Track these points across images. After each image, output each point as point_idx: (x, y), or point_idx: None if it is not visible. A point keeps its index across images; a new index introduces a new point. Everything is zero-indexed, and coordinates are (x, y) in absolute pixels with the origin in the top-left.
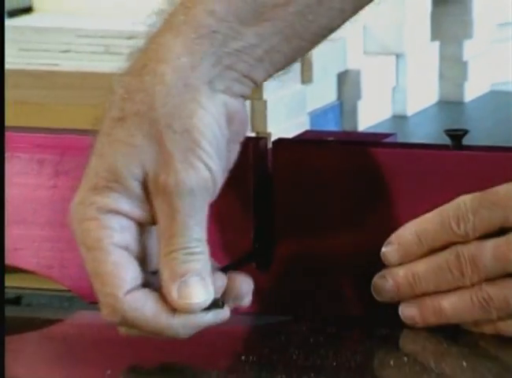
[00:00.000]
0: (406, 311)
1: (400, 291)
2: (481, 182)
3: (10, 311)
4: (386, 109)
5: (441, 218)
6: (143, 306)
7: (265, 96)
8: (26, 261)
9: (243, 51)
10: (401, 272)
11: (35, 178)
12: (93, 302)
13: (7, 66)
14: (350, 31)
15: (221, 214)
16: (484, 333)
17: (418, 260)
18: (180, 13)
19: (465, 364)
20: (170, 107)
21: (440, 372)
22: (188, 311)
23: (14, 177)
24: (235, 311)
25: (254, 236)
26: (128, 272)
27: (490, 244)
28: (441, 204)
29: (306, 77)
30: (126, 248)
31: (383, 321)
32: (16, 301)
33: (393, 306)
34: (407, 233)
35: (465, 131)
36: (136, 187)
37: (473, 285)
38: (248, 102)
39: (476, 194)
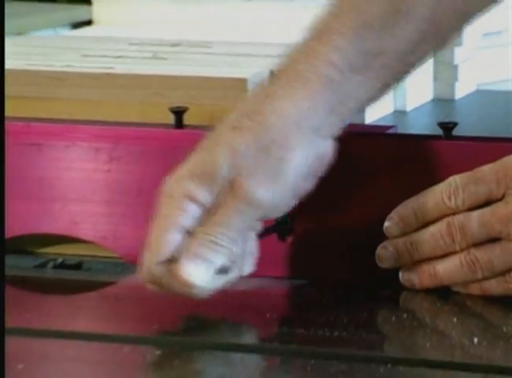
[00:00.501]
0: (405, 275)
1: (399, 258)
2: (468, 166)
3: (72, 275)
4: (388, 105)
5: (435, 194)
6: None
7: None
8: (84, 233)
9: (351, 98)
10: (400, 242)
11: (93, 163)
12: None
13: (71, 69)
14: None
15: None
16: (472, 294)
17: (415, 231)
18: (302, 61)
19: (455, 320)
20: (276, 136)
21: (434, 327)
22: (184, 287)
23: (74, 162)
24: (258, 275)
25: None
26: (170, 248)
27: (476, 214)
28: (434, 183)
29: None
30: (183, 231)
31: (385, 284)
32: (77, 266)
33: (394, 272)
34: (405, 209)
35: (455, 124)
36: (220, 183)
37: (462, 250)
38: None
39: (465, 173)
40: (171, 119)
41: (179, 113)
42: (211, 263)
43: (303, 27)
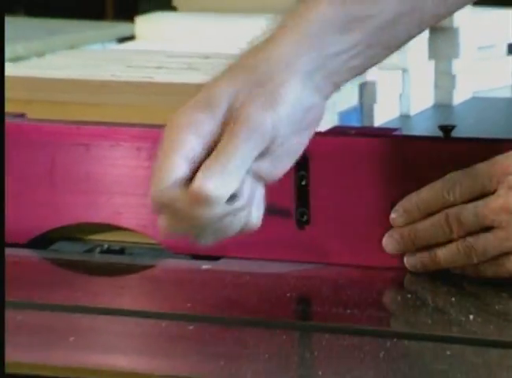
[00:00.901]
0: (410, 260)
1: (404, 245)
2: (464, 163)
3: (116, 259)
4: (395, 110)
5: (435, 189)
6: (177, 198)
7: None
8: (127, 222)
9: (337, 56)
10: (405, 231)
11: (135, 161)
12: (178, 253)
13: (116, 78)
14: None
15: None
16: (468, 276)
17: (418, 222)
18: (290, 20)
19: (453, 299)
20: (269, 73)
21: (435, 305)
22: (198, 204)
23: (118, 160)
24: (279, 259)
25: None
26: (177, 172)
27: (471, 206)
28: (434, 178)
29: None
30: (187, 159)
31: (391, 268)
32: (121, 251)
33: (399, 257)
34: (409, 202)
35: (453, 127)
36: (223, 113)
37: (459, 238)
38: None
39: (462, 170)
40: None
41: None
42: (224, 183)
43: None
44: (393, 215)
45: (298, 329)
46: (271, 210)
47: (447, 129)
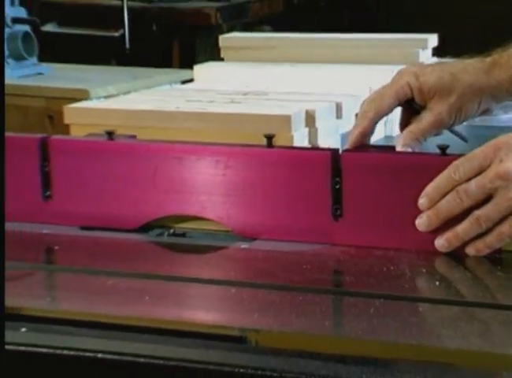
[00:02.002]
0: (439, 242)
1: (431, 222)
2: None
3: (178, 240)
4: (381, 132)
5: (445, 175)
6: None
7: (317, 124)
8: (209, 214)
9: None
10: (429, 211)
11: (214, 170)
12: (243, 236)
13: (179, 110)
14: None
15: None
16: (480, 251)
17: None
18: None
19: (424, 270)
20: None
21: (412, 275)
22: None
23: (202, 169)
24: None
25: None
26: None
27: (474, 180)
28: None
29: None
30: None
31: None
32: (183, 235)
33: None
34: (429, 189)
35: (448, 146)
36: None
37: (469, 209)
38: (307, 129)
39: (463, 156)
40: (243, 141)
41: (270, 137)
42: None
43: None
44: (420, 201)
45: (331, 293)
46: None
47: (443, 148)
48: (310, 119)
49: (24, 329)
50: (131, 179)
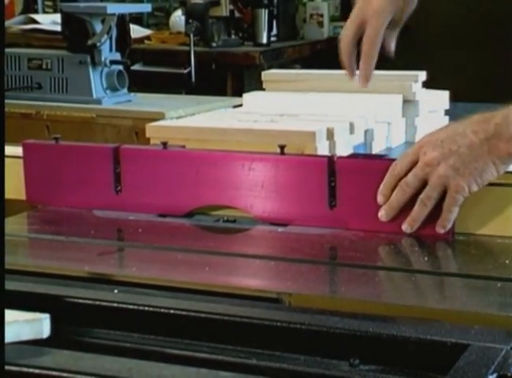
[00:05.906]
0: (404, 226)
1: (388, 213)
2: None
3: (232, 225)
4: (383, 144)
5: (389, 172)
6: None
7: (335, 138)
8: (237, 204)
9: None
10: (385, 205)
11: (241, 171)
12: (265, 221)
13: (232, 127)
14: None
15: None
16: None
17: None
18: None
19: (415, 249)
20: None
21: (406, 253)
22: None
23: (233, 170)
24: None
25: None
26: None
27: (410, 173)
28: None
29: (351, 131)
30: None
31: (386, 232)
32: (233, 221)
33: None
34: (382, 187)
35: None
36: None
37: (415, 197)
38: (328, 142)
39: (401, 153)
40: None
41: (282, 147)
42: None
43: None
44: (378, 199)
45: (331, 265)
46: None
47: None
48: (330, 134)
49: (116, 291)
50: (178, 178)
